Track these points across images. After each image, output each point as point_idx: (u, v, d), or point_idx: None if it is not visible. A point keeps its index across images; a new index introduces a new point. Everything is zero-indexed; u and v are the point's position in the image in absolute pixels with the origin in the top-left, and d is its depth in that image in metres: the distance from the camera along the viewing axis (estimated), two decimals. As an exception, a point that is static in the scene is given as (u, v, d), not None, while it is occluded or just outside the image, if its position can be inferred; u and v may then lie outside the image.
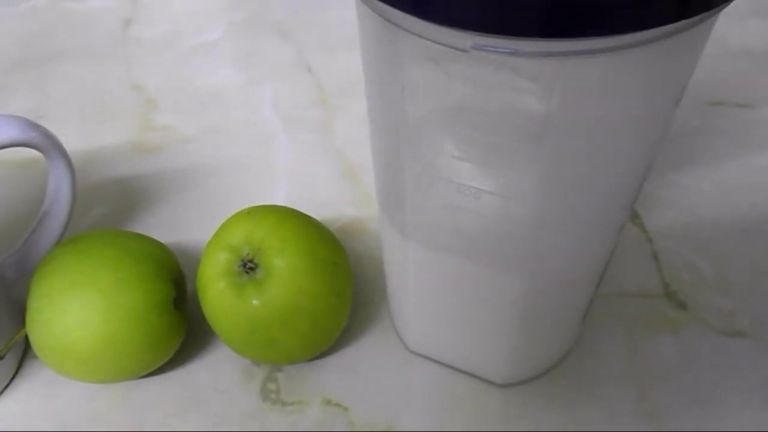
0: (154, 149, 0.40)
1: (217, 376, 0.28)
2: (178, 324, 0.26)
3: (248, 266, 0.25)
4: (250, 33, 0.49)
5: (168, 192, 0.37)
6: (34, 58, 0.47)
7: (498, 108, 0.15)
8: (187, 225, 0.35)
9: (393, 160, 0.20)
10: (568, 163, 0.17)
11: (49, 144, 0.26)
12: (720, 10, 0.14)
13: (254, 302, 0.25)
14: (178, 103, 0.43)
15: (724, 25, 0.42)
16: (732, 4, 0.13)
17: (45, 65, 0.46)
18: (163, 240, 0.29)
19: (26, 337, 0.28)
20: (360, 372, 0.28)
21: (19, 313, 0.28)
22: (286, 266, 0.25)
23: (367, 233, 0.34)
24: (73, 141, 0.40)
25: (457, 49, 0.14)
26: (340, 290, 0.26)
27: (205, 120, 0.41)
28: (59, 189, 0.27)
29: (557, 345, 0.27)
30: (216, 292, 0.25)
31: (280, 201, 0.36)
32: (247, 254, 0.25)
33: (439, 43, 0.14)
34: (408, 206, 0.20)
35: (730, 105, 0.40)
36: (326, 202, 0.36)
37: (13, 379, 0.28)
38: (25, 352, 0.29)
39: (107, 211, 0.36)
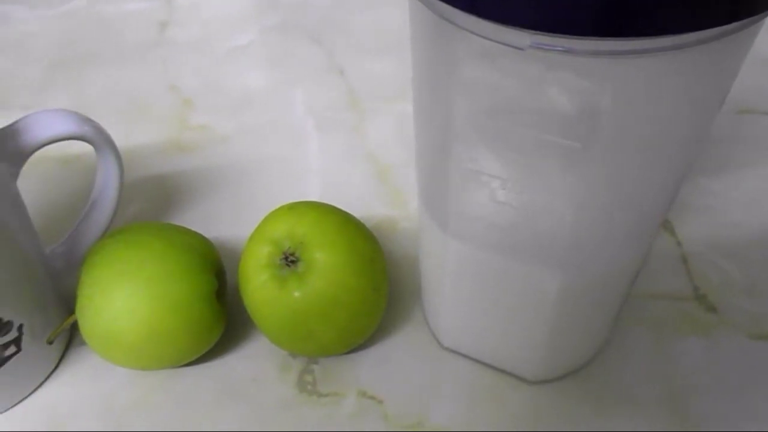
0: (191, 148, 0.41)
1: (254, 367, 0.29)
2: (219, 315, 0.27)
3: (290, 259, 0.26)
4: (282, 37, 0.50)
5: (204, 189, 0.38)
6: (73, 58, 0.49)
7: (549, 106, 0.16)
8: (223, 221, 0.36)
9: (439, 155, 0.20)
10: (615, 161, 0.17)
11: (101, 138, 0.27)
12: (768, 14, 0.14)
13: (296, 294, 0.25)
14: (214, 103, 0.44)
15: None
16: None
17: (84, 65, 0.48)
18: (202, 234, 0.30)
19: (72, 325, 0.29)
20: (394, 366, 0.29)
21: (65, 302, 0.29)
22: (327, 260, 0.26)
23: (398, 232, 0.35)
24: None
25: (514, 47, 0.15)
26: (377, 285, 0.27)
27: (240, 120, 0.43)
28: (107, 182, 0.28)
29: (589, 344, 0.27)
30: (258, 284, 0.26)
31: (314, 199, 0.37)
32: (289, 248, 0.26)
33: (495, 41, 0.15)
34: (451, 202, 0.21)
35: (760, 113, 0.40)
36: (358, 201, 0.37)
37: (58, 365, 0.29)
38: (70, 339, 0.30)
39: (145, 207, 0.37)
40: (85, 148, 0.28)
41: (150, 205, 0.37)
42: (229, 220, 0.36)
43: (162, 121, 0.43)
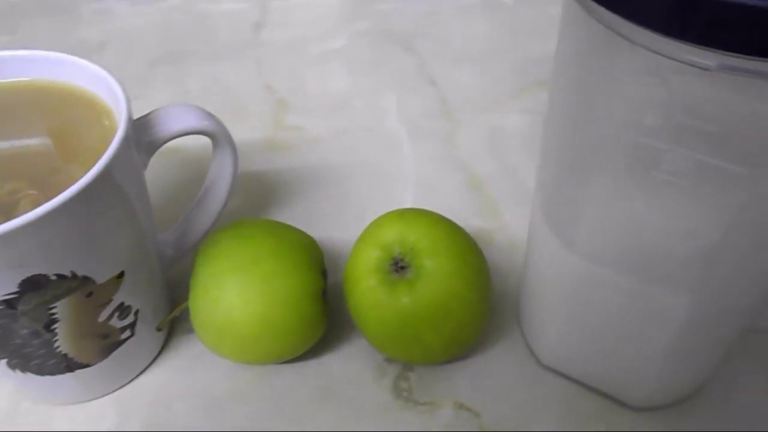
0: (286, 147, 0.41)
1: (350, 369, 0.29)
2: (323, 314, 0.27)
3: (400, 265, 0.26)
4: (374, 43, 0.51)
5: (299, 188, 0.38)
6: (172, 53, 0.50)
7: (724, 130, 0.16)
8: (318, 220, 0.36)
9: (578, 170, 0.20)
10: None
11: (221, 132, 0.27)
12: None
13: (404, 300, 0.25)
14: (307, 105, 0.45)
15: None
16: None
17: (183, 61, 0.49)
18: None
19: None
20: (491, 380, 0.29)
21: (170, 291, 0.30)
22: (438, 268, 0.26)
23: (493, 245, 0.35)
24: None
25: (700, 66, 0.14)
26: (483, 296, 0.27)
27: (333, 123, 0.43)
28: (221, 175, 0.29)
29: (699, 375, 0.26)
30: (366, 288, 0.26)
31: (408, 206, 0.37)
32: (399, 254, 0.26)
33: (677, 60, 0.15)
34: (586, 220, 0.21)
35: None
36: (452, 211, 0.36)
37: (160, 352, 0.30)
38: (171, 328, 0.31)
39: (241, 203, 0.37)
40: (181, 140, 0.28)
41: (247, 201, 0.38)
42: (324, 220, 0.36)
43: (257, 120, 0.44)
